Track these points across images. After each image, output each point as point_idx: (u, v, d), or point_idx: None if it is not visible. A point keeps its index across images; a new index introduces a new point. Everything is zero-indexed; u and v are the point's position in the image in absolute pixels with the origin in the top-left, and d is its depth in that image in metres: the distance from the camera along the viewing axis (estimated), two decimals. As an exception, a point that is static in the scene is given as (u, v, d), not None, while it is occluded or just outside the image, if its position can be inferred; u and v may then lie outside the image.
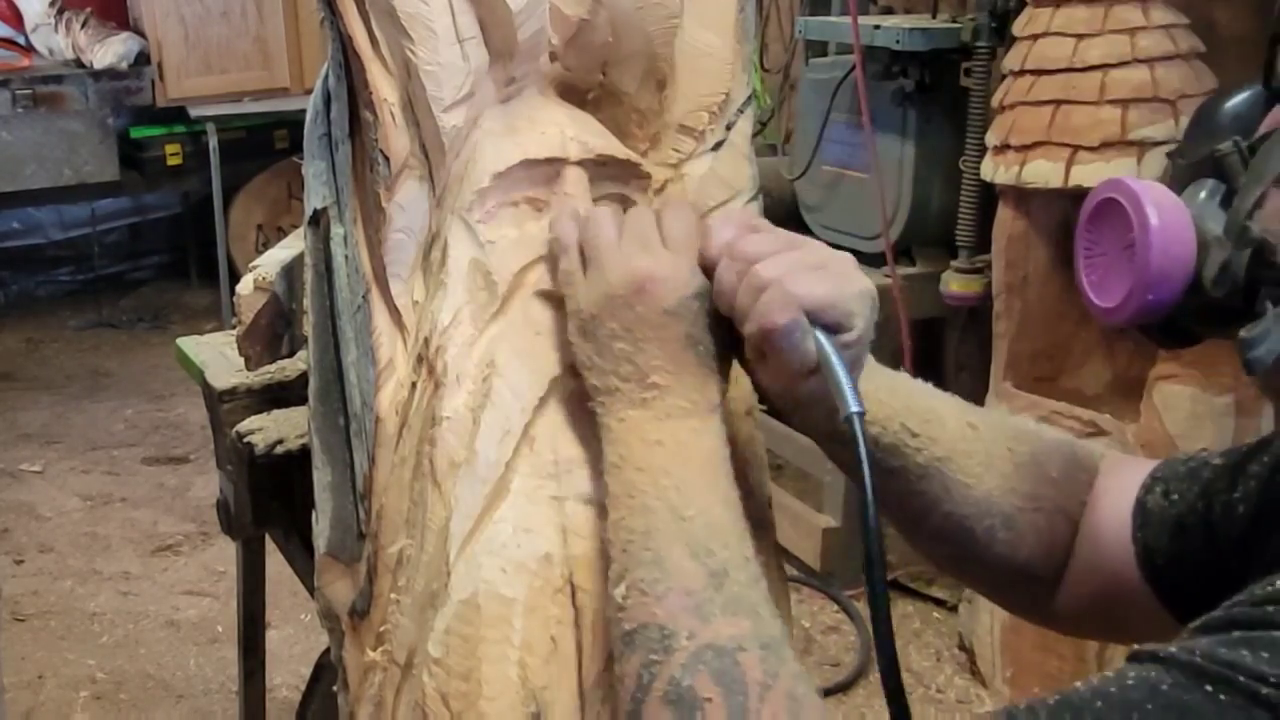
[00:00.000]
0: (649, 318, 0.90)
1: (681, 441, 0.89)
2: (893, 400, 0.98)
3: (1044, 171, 2.61)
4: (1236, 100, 0.83)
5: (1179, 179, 0.84)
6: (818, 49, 3.95)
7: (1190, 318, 0.83)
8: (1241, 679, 0.63)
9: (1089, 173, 2.53)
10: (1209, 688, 0.64)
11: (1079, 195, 2.57)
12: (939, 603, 3.38)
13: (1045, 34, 2.63)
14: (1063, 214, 2.74)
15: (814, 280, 0.87)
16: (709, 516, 0.87)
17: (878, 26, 3.25)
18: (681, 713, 0.78)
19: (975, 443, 1.00)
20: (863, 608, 3.37)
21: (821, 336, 0.88)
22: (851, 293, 0.88)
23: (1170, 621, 0.98)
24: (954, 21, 3.21)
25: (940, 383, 1.07)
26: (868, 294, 0.90)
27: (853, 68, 3.28)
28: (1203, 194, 0.81)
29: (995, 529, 1.00)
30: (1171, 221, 0.80)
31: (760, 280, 0.88)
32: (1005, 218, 2.80)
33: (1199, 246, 0.80)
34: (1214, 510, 0.95)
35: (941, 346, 3.58)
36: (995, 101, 2.81)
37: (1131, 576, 0.99)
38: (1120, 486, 1.02)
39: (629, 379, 0.92)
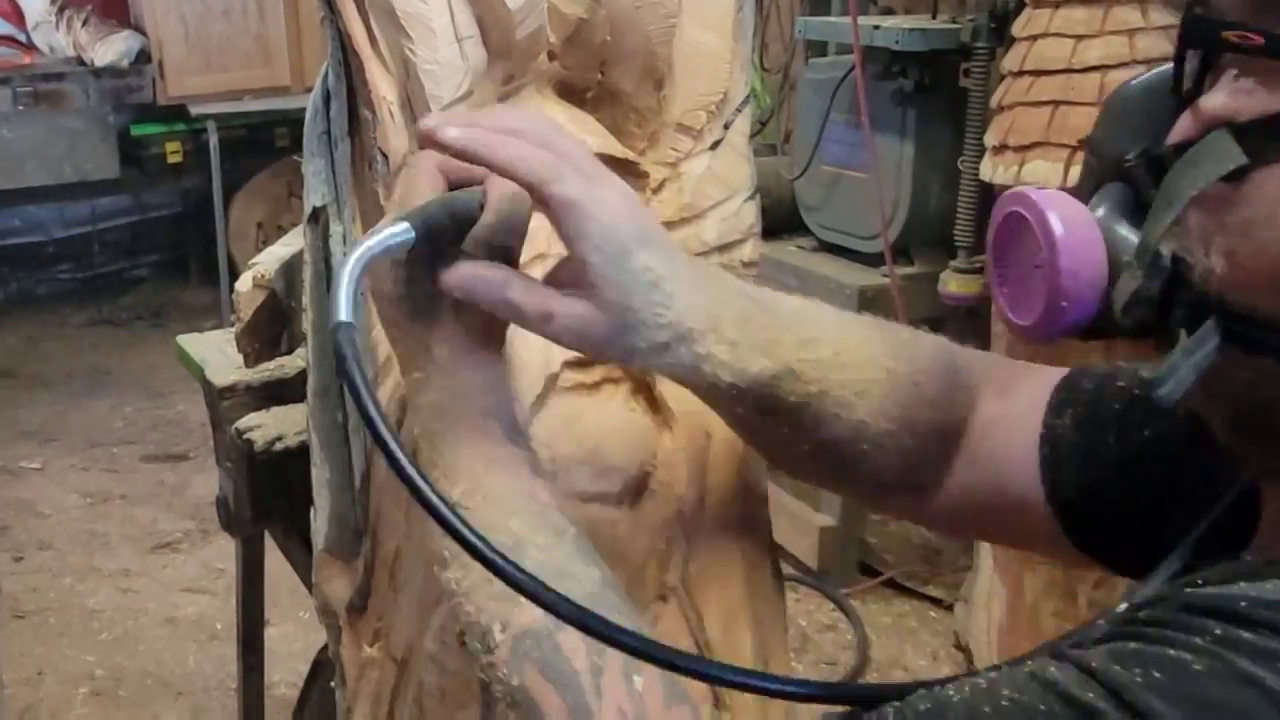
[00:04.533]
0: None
1: (436, 413, 0.86)
2: (783, 337, 0.91)
3: (1043, 172, 2.61)
4: (1145, 97, 0.79)
5: (1091, 175, 0.81)
6: (817, 49, 3.95)
7: (1113, 327, 0.78)
8: (1114, 717, 0.60)
9: (1087, 173, 2.53)
10: None
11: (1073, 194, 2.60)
12: (935, 602, 3.38)
13: (1044, 35, 2.63)
14: (1061, 214, 2.74)
15: (574, 178, 0.81)
16: (484, 491, 0.83)
17: (877, 27, 3.25)
18: (527, 716, 0.77)
19: (850, 371, 0.94)
20: (859, 606, 3.38)
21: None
22: (602, 219, 0.80)
23: (1067, 545, 0.96)
24: (953, 22, 3.21)
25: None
26: (619, 229, 0.81)
27: (852, 68, 3.28)
28: (1108, 204, 0.77)
29: (862, 454, 0.95)
30: (1078, 236, 0.76)
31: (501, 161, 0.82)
32: (1003, 218, 2.80)
33: (1110, 264, 0.76)
34: (1128, 447, 0.92)
35: (940, 346, 3.57)
36: (994, 102, 2.81)
37: (1037, 504, 0.95)
38: (1020, 412, 0.97)
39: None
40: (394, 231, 0.80)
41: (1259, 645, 0.60)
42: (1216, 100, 0.71)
